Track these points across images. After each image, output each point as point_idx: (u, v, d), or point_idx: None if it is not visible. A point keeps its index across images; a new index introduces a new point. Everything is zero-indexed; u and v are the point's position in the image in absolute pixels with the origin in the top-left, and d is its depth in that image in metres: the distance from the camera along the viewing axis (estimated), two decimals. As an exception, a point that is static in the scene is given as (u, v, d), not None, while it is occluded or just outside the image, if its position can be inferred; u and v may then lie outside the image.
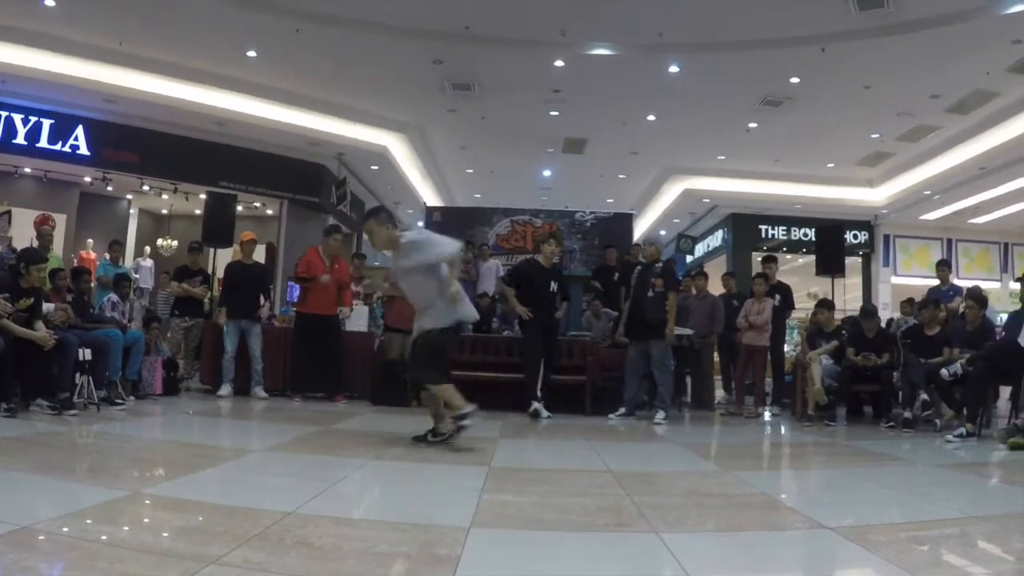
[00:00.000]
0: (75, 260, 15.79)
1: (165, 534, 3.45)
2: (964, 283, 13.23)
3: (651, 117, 16.42)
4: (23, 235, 13.55)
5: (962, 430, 7.77)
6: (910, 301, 12.62)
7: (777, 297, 11.09)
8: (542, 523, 3.96)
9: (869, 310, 10.59)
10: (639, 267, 10.04)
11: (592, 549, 3.51)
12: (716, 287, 12.49)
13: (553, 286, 9.78)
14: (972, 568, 3.29)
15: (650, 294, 9.56)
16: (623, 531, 3.82)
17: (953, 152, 17.04)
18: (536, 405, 9.36)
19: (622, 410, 9.67)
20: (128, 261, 17.25)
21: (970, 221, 21.58)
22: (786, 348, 12.46)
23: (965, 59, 12.67)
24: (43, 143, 15.78)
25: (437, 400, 6.41)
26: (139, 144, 16.52)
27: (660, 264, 9.96)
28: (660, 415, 9.38)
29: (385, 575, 2.93)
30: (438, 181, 22.25)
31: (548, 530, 3.80)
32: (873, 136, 17.10)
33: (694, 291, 11.73)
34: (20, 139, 15.59)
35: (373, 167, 19.50)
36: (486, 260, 14.36)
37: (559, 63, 13.83)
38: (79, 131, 16.04)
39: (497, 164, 20.63)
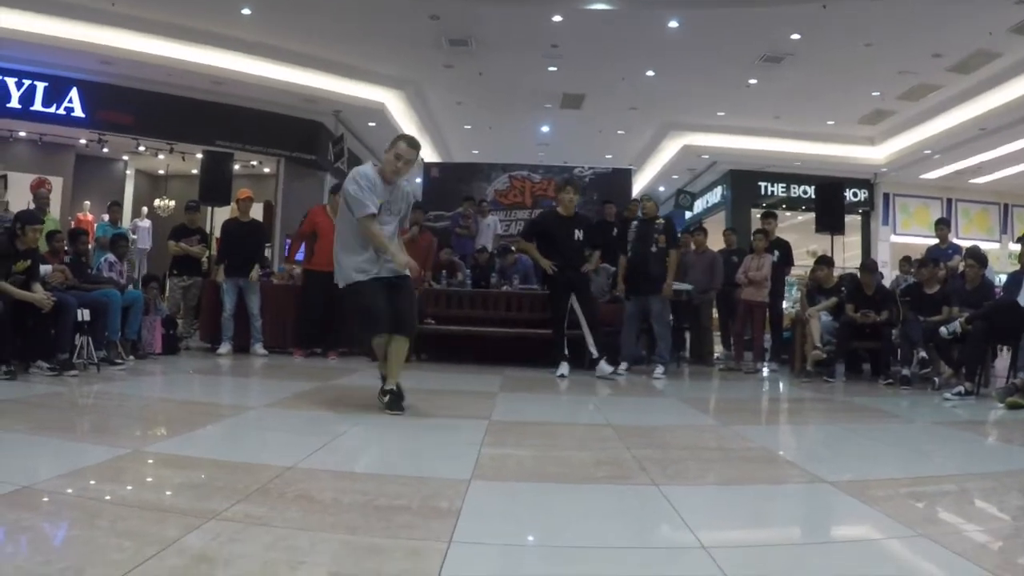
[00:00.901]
0: (72, 222, 15.77)
1: (166, 491, 3.46)
2: (963, 243, 13.21)
3: (650, 72, 16.33)
4: (20, 199, 13.51)
5: (960, 388, 7.76)
6: (907, 259, 12.61)
7: (776, 253, 11.07)
8: (542, 475, 3.98)
9: (869, 265, 10.53)
10: (636, 222, 9.92)
11: (592, 501, 3.52)
12: (716, 243, 12.45)
13: (578, 235, 9.29)
14: (970, 524, 3.29)
15: (654, 249, 9.47)
16: (623, 483, 3.83)
17: (954, 112, 17.00)
18: (561, 369, 9.11)
19: (624, 364, 9.62)
20: (126, 222, 17.22)
21: (970, 181, 21.54)
22: (785, 305, 12.45)
23: (968, 19, 12.58)
24: (37, 106, 15.79)
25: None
26: (134, 105, 16.48)
27: (660, 220, 9.84)
28: (659, 370, 9.41)
29: (386, 528, 2.93)
30: (436, 137, 22.14)
31: (548, 482, 3.82)
32: (874, 94, 17.01)
33: (693, 246, 11.70)
34: (14, 103, 15.60)
35: (370, 124, 19.40)
36: (484, 216, 14.29)
37: (557, 18, 13.73)
38: (73, 93, 16.03)
39: (495, 120, 20.54)
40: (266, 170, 19.43)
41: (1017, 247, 10.39)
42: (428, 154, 22.10)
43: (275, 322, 10.59)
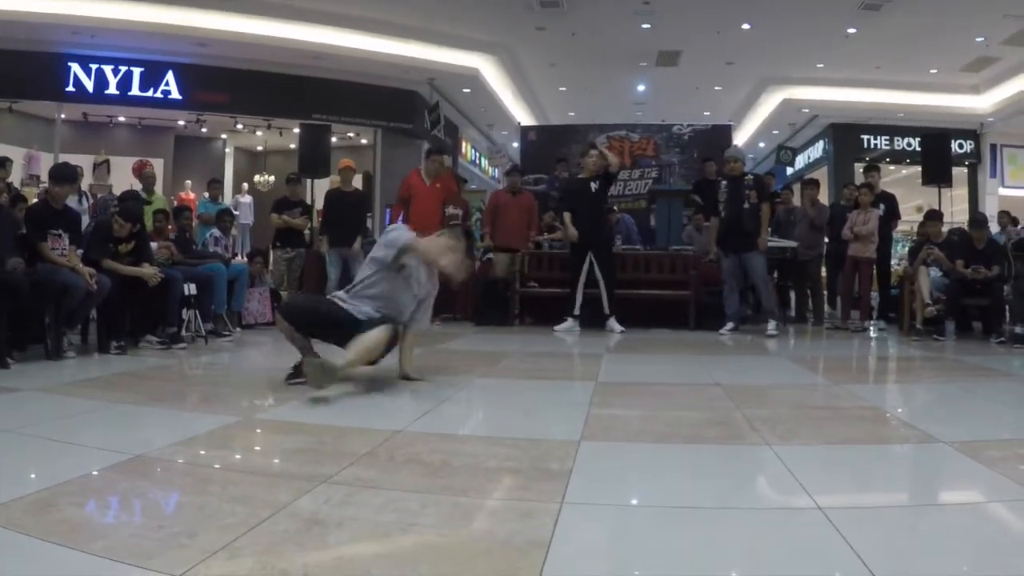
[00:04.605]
0: (174, 202, 16.14)
1: (276, 457, 3.52)
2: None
3: (746, 26, 15.95)
4: (122, 183, 13.88)
5: None
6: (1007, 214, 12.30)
7: (882, 207, 10.76)
8: (652, 435, 3.93)
9: (979, 219, 10.17)
10: (725, 182, 9.86)
11: (704, 461, 3.47)
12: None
13: (593, 186, 9.67)
14: None
15: (746, 206, 9.44)
16: (735, 444, 3.76)
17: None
18: (565, 325, 9.58)
19: (730, 324, 9.57)
20: (227, 199, 17.58)
21: (1082, 129, 20.58)
22: (892, 262, 12.11)
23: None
24: (135, 91, 16.29)
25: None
26: (229, 84, 16.84)
27: (749, 177, 9.88)
28: (771, 325, 9.32)
29: (497, 489, 2.93)
30: (531, 101, 22.04)
31: (658, 442, 3.77)
32: (978, 40, 16.29)
33: (797, 202, 11.52)
34: (112, 89, 16.13)
35: (465, 90, 19.41)
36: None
37: (648, -27, 13.51)
38: (169, 76, 16.47)
39: (590, 81, 20.29)
40: (363, 141, 19.60)
41: None
42: (524, 117, 22.05)
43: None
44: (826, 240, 11.38)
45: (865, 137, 21.52)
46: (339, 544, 2.33)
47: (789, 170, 23.40)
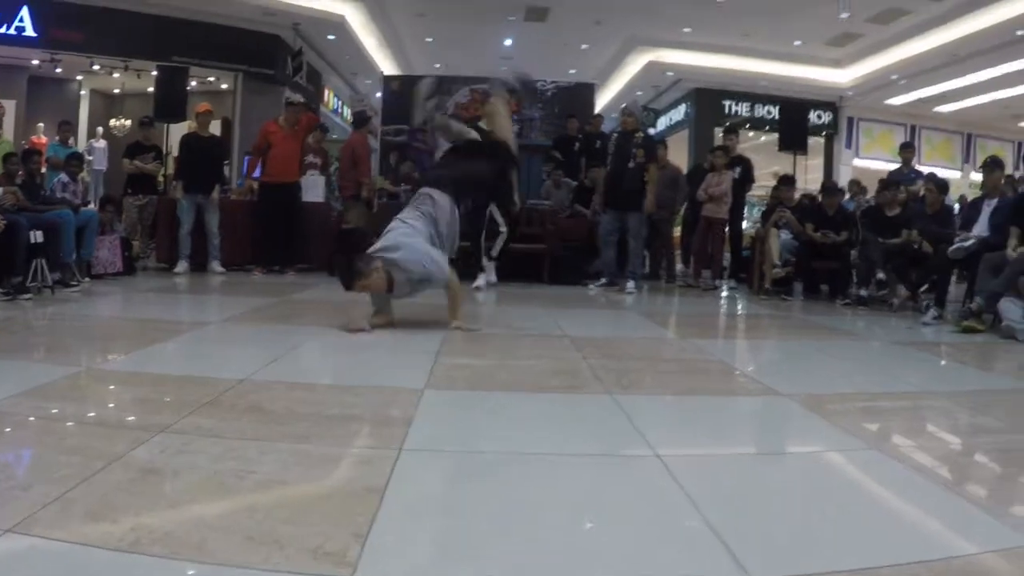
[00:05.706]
0: (26, 146, 15.47)
1: (116, 407, 3.47)
2: (925, 170, 13.24)
3: (616, -14, 16.03)
4: (-27, 128, 13.25)
5: (934, 312, 7.73)
6: (857, 183, 12.78)
7: (737, 170, 11.03)
8: (496, 384, 4.00)
9: (831, 187, 10.59)
10: (616, 135, 9.89)
11: (546, 409, 3.56)
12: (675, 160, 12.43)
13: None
14: (923, 440, 3.41)
15: (631, 164, 9.45)
16: (577, 392, 3.85)
17: (923, 38, 16.70)
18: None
19: (603, 280, 9.73)
20: (81, 143, 16.91)
21: (935, 109, 21.40)
22: (744, 224, 12.44)
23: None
24: (-15, 27, 15.32)
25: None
26: (87, 21, 15.98)
27: (640, 135, 9.84)
28: (630, 284, 9.42)
29: (338, 436, 2.93)
30: (396, 51, 21.65)
31: (502, 391, 3.84)
32: (843, 15, 16.75)
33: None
34: (-39, 25, 15.11)
35: (330, 37, 18.98)
36: (446, 130, 14.10)
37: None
38: (23, 12, 15.55)
39: (457, 33, 20.00)
40: (223, 86, 19.04)
41: (979, 177, 10.31)
42: (388, 67, 21.77)
43: (234, 239, 10.43)
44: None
45: (727, 103, 21.94)
46: (173, 493, 2.32)
47: (651, 131, 23.74)
